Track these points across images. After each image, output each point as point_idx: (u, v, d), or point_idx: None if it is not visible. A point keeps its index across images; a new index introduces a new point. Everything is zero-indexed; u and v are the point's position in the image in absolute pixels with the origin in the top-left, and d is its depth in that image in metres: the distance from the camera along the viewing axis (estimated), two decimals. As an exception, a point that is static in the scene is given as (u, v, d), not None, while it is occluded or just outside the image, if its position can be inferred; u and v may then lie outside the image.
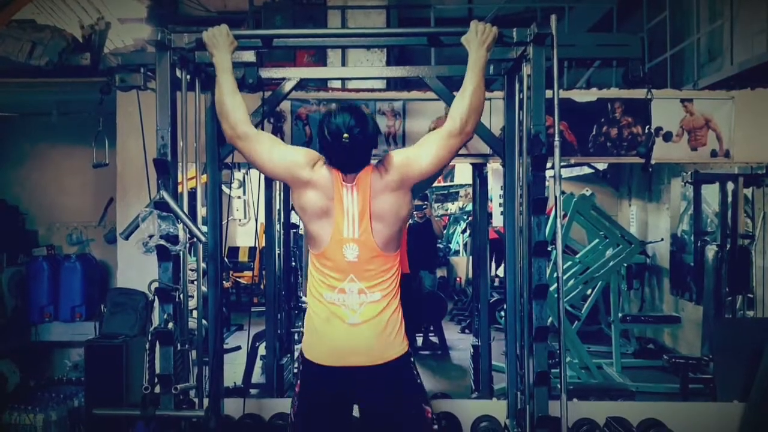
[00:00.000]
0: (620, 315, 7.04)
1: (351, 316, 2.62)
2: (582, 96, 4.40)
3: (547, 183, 3.74)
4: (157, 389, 2.91)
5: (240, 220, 11.27)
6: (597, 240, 7.31)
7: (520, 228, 3.41)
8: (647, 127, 3.93)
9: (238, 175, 9.57)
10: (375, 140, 2.69)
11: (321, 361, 2.65)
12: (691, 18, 6.82)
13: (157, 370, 2.92)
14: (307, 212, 2.66)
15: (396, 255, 2.70)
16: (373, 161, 2.71)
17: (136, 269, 4.48)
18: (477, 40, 2.75)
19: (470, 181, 12.22)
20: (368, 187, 2.62)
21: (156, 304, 3.00)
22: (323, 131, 2.59)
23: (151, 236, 2.85)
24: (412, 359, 2.74)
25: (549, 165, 3.06)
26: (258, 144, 2.68)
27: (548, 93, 2.97)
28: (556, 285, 3.07)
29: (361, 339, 2.61)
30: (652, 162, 4.07)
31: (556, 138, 2.88)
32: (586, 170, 9.02)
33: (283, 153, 2.69)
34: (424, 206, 8.44)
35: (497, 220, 6.05)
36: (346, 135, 2.53)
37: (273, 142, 2.73)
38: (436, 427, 2.87)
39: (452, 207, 14.93)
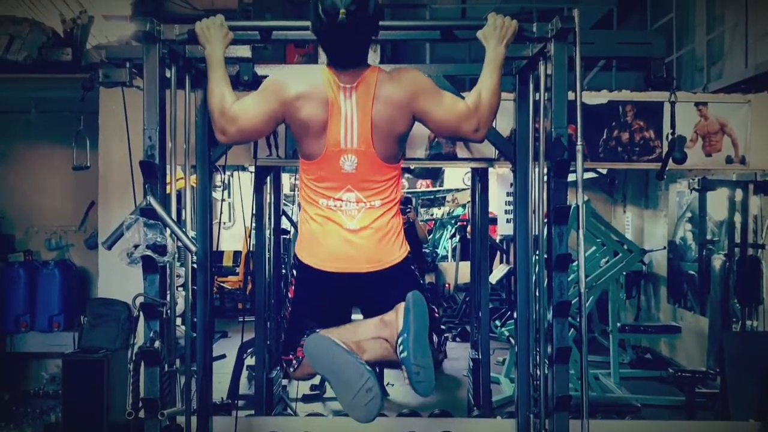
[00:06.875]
0: (618, 324, 6.84)
1: (349, 222, 2.45)
2: (592, 98, 4.17)
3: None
4: (142, 414, 2.67)
5: (224, 223, 11.00)
6: (594, 248, 7.12)
7: (535, 237, 3.20)
8: (672, 131, 3.71)
9: (223, 177, 9.33)
10: (377, 25, 2.41)
11: (318, 266, 2.49)
12: (692, 21, 6.66)
13: (142, 393, 2.67)
14: (310, 129, 2.41)
15: (398, 165, 2.52)
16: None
17: (118, 277, 4.22)
18: (496, 35, 2.52)
19: (459, 186, 12.14)
20: (372, 89, 2.38)
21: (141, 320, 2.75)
22: (317, 10, 2.30)
23: (136, 246, 2.60)
24: (412, 265, 2.58)
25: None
26: (246, 117, 2.45)
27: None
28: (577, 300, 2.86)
29: (361, 245, 2.45)
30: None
31: (579, 142, 2.68)
32: (585, 175, 8.81)
33: (268, 93, 2.46)
34: (408, 210, 8.20)
35: (503, 229, 5.83)
36: (343, 11, 2.23)
37: (251, 99, 2.49)
38: (443, 328, 2.67)
39: (438, 212, 14.73)
